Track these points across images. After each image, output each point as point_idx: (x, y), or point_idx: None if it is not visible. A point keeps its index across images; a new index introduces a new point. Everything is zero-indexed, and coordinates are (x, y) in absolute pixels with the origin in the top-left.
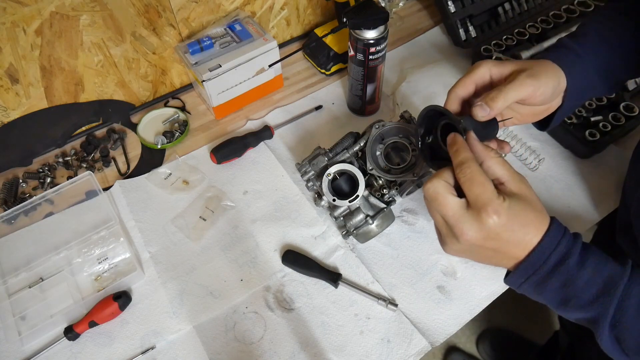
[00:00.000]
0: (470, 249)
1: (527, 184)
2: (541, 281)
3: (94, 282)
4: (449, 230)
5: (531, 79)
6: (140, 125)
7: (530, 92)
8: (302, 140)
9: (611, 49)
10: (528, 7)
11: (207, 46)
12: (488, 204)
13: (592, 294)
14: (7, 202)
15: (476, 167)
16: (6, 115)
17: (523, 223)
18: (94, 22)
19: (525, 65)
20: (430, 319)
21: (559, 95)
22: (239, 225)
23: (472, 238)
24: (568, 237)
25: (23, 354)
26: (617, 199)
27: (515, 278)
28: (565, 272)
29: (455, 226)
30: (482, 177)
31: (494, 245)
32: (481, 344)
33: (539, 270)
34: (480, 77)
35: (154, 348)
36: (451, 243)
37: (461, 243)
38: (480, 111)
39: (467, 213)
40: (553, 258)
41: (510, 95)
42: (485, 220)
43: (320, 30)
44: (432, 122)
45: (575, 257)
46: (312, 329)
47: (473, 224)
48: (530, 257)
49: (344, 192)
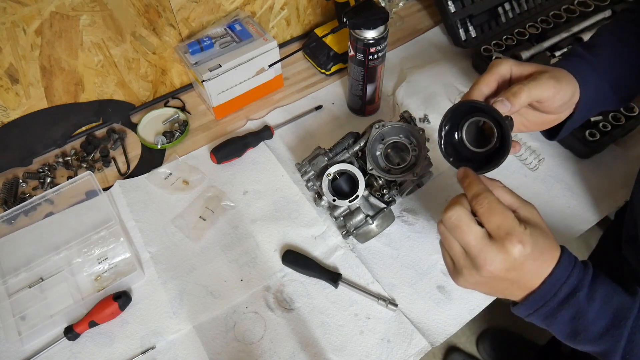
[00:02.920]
0: (489, 281)
1: (536, 210)
2: (551, 313)
3: (94, 282)
4: (469, 262)
5: (554, 81)
6: (140, 125)
7: (552, 93)
8: (302, 140)
9: (624, 63)
10: (528, 7)
11: (207, 46)
12: (512, 233)
13: (601, 326)
14: (7, 202)
15: (493, 197)
16: (6, 115)
17: (543, 250)
18: (94, 22)
19: (545, 68)
20: (430, 319)
21: (572, 105)
22: (239, 225)
23: (496, 269)
24: (579, 268)
25: (23, 354)
26: (617, 199)
27: (524, 309)
28: (575, 304)
29: (479, 256)
30: (501, 207)
31: (514, 276)
32: (481, 344)
33: (549, 302)
34: (502, 76)
35: (154, 348)
36: (469, 275)
37: (482, 275)
38: (502, 107)
39: (490, 243)
40: (564, 290)
41: (534, 93)
42: (510, 250)
43: (320, 30)
44: (458, 120)
45: (585, 289)
46: (312, 329)
47: (497, 254)
48: (541, 289)
49: (344, 192)
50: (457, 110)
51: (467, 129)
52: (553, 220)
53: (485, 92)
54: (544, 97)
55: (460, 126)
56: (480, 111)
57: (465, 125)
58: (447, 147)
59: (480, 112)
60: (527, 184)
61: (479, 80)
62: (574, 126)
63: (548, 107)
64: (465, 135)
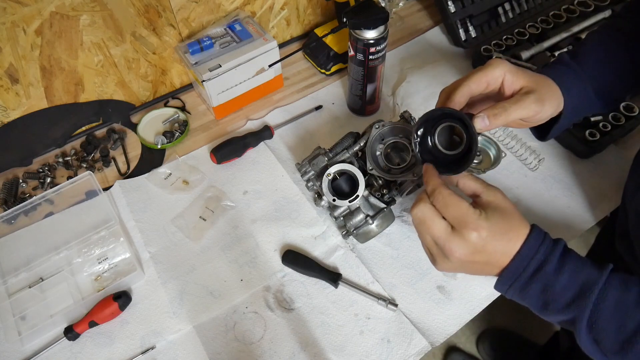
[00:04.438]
0: (462, 265)
1: (502, 194)
2: (523, 287)
3: (94, 282)
4: (440, 251)
5: (536, 104)
6: (140, 125)
7: (533, 114)
8: (302, 140)
9: (610, 69)
10: (528, 7)
11: (207, 46)
12: (468, 222)
13: (568, 297)
14: (7, 202)
15: (447, 191)
16: (6, 115)
17: (504, 231)
18: (94, 22)
19: (533, 85)
20: (430, 319)
21: (555, 113)
22: (239, 225)
23: (462, 255)
24: (547, 244)
25: (23, 354)
26: (617, 199)
27: (500, 285)
28: (544, 278)
29: (445, 246)
30: (455, 199)
31: (483, 258)
32: (481, 344)
33: (520, 277)
34: (494, 79)
35: (154, 348)
36: (442, 262)
37: (452, 261)
38: (480, 123)
39: (452, 233)
40: (532, 265)
41: (512, 117)
42: (468, 237)
43: (320, 30)
44: (430, 126)
45: (553, 263)
46: (312, 329)
47: (459, 243)
48: (511, 265)
49: (344, 192)
50: (427, 119)
51: (440, 133)
52: (553, 220)
53: (474, 90)
54: (525, 118)
55: (433, 130)
56: (451, 117)
57: (438, 130)
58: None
59: (451, 118)
60: (527, 184)
61: (471, 76)
62: (561, 130)
63: (528, 124)
64: (438, 138)
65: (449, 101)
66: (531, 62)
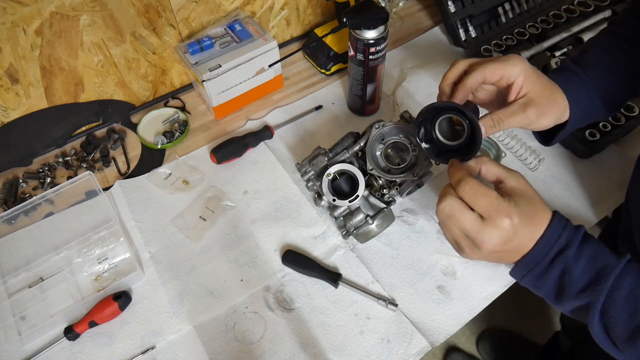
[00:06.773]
0: (491, 254)
1: (524, 178)
2: (542, 273)
3: (94, 282)
4: (470, 242)
5: (535, 116)
6: (140, 125)
7: (526, 125)
8: (302, 140)
9: (614, 76)
10: (528, 7)
11: (207, 46)
12: (499, 210)
13: (584, 282)
14: (7, 202)
15: (474, 181)
16: (6, 115)
17: (530, 215)
18: (94, 22)
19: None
20: (430, 319)
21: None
22: (239, 225)
23: (494, 245)
24: (569, 230)
25: (23, 354)
26: (617, 199)
27: (518, 271)
28: (563, 262)
29: (476, 238)
30: (483, 188)
31: (513, 245)
32: (481, 344)
33: (541, 261)
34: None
35: (154, 348)
36: (472, 253)
37: (483, 252)
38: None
39: (483, 224)
40: (554, 249)
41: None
42: (501, 225)
43: (320, 30)
44: (430, 120)
45: (574, 248)
46: (312, 329)
47: (492, 232)
48: (534, 249)
49: (344, 192)
50: (426, 112)
51: (439, 126)
52: None
53: (486, 78)
54: (524, 126)
55: (433, 124)
56: (447, 110)
57: (437, 123)
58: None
59: (448, 110)
60: None
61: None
62: (566, 134)
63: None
64: (440, 132)
65: (461, 84)
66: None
